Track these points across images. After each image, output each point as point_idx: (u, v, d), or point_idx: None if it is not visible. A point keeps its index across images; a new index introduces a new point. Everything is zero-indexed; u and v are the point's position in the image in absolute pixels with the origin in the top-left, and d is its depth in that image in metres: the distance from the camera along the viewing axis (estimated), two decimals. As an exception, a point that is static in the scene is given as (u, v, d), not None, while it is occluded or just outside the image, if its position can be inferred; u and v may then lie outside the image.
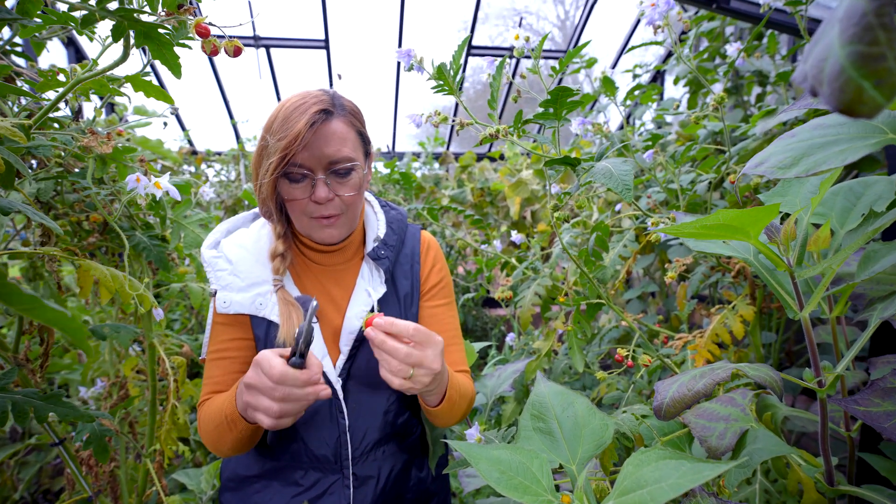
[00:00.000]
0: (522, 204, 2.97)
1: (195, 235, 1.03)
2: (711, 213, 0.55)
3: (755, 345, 1.31)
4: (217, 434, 0.77)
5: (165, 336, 1.34)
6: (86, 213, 1.05)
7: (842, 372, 0.63)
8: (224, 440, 0.76)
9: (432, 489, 0.94)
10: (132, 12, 0.47)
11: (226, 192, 3.13)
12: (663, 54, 3.26)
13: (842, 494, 0.71)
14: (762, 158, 0.52)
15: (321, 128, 0.76)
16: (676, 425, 0.83)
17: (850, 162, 0.45)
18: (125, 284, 0.76)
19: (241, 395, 0.69)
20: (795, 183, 0.75)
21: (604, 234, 1.15)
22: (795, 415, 0.84)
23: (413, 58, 0.94)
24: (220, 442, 0.77)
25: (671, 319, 2.07)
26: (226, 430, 0.75)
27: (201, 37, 0.61)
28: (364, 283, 0.88)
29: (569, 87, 0.77)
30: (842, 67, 0.24)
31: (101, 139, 0.75)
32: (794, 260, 0.63)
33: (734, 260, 1.23)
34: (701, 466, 0.40)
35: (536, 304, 1.55)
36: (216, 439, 0.77)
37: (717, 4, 1.48)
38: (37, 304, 0.33)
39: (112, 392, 1.35)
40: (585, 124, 1.57)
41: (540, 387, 0.63)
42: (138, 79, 0.68)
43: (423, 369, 0.68)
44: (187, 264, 1.61)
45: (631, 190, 0.71)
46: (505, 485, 0.49)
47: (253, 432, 0.76)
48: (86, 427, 0.83)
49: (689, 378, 0.64)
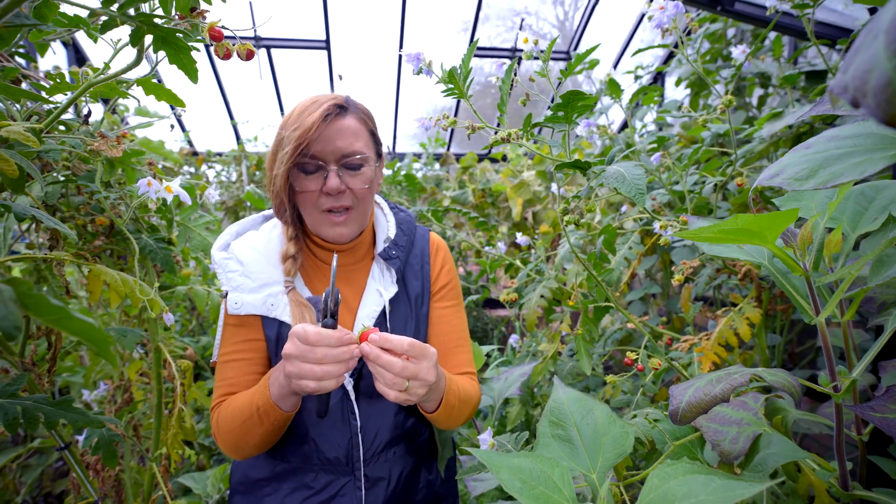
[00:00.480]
0: (524, 205, 2.97)
1: (202, 238, 1.02)
2: (730, 218, 0.55)
3: (761, 347, 1.31)
4: (244, 430, 0.76)
5: (169, 339, 1.33)
6: (91, 216, 1.04)
7: (858, 377, 0.63)
8: (252, 435, 0.76)
9: (441, 492, 0.93)
10: (151, 17, 0.46)
11: (227, 193, 3.12)
12: (663, 56, 3.26)
13: (855, 499, 0.71)
14: (778, 169, 0.52)
15: (335, 121, 0.79)
16: (688, 429, 0.82)
17: (868, 175, 0.44)
18: (136, 289, 0.75)
19: (278, 376, 0.71)
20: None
21: (611, 237, 1.15)
22: (804, 418, 0.84)
23: (422, 61, 0.94)
24: (246, 439, 0.77)
25: (673, 321, 2.07)
26: (256, 424, 0.75)
27: (214, 41, 0.60)
28: (375, 284, 0.89)
29: (581, 91, 0.77)
30: (889, 79, 0.24)
31: (111, 142, 0.75)
32: (810, 264, 0.63)
33: (740, 262, 1.23)
34: (734, 484, 0.40)
35: (541, 306, 1.55)
36: (241, 437, 0.77)
37: (721, 6, 1.48)
38: (64, 314, 0.32)
39: (116, 395, 1.34)
40: (591, 126, 1.57)
41: (558, 393, 0.62)
42: (149, 82, 0.68)
43: (417, 381, 0.69)
44: (193, 267, 1.61)
45: (644, 194, 0.71)
46: (527, 495, 0.48)
47: (281, 425, 0.77)
48: (94, 432, 0.82)
49: (704, 383, 0.63)
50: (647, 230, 1.55)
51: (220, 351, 0.85)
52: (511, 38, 4.14)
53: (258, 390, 0.76)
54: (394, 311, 0.88)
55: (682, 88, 2.29)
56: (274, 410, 0.74)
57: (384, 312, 0.87)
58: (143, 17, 0.46)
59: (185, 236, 1.02)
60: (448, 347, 0.92)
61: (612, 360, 2.39)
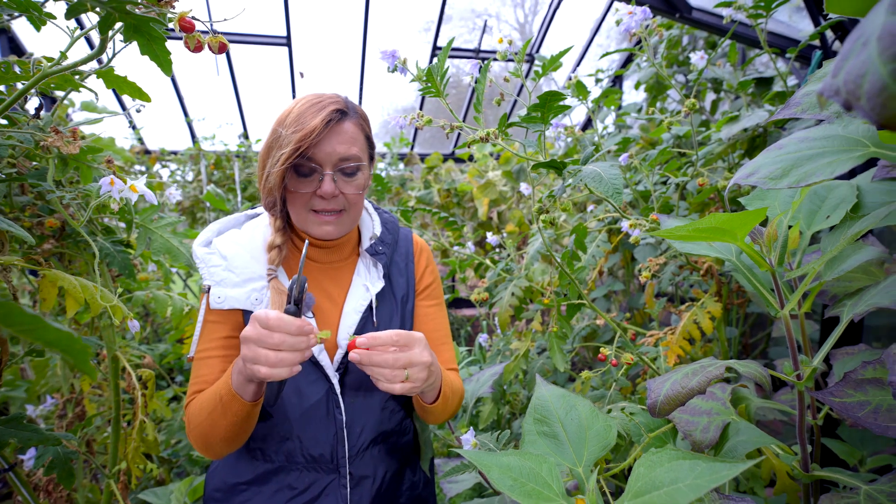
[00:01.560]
0: (490, 205, 2.99)
1: (164, 240, 0.97)
2: (705, 217, 0.57)
3: (721, 339, 1.38)
4: (210, 423, 0.74)
5: (125, 347, 1.26)
6: (39, 217, 0.97)
7: (818, 365, 0.67)
8: (217, 427, 0.74)
9: (423, 495, 0.93)
10: (124, 4, 0.43)
11: (183, 194, 2.98)
12: (621, 60, 3.37)
13: (814, 479, 0.76)
14: (753, 169, 0.54)
15: (335, 126, 0.79)
16: (662, 421, 0.85)
17: (837, 174, 0.47)
18: (96, 295, 0.70)
19: (238, 362, 0.70)
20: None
21: (581, 236, 1.17)
22: (767, 406, 0.89)
23: (397, 59, 0.93)
24: (213, 431, 0.75)
25: (635, 316, 2.14)
26: (220, 415, 0.73)
27: (185, 32, 0.57)
28: (361, 279, 0.89)
29: (558, 92, 0.78)
30: (884, 84, 0.25)
31: (67, 139, 0.69)
32: (775, 260, 0.66)
33: (702, 259, 1.29)
34: (717, 466, 0.41)
35: (512, 305, 1.56)
36: (208, 430, 0.75)
37: (680, 14, 1.54)
38: (40, 324, 0.30)
39: (67, 409, 1.25)
40: (558, 127, 1.60)
41: (541, 390, 0.63)
42: (111, 74, 0.63)
43: (415, 367, 0.70)
44: (153, 270, 1.52)
45: (621, 193, 0.72)
46: (518, 492, 0.48)
47: (245, 417, 0.74)
48: (48, 451, 0.77)
49: (681, 376, 0.66)
50: (611, 229, 1.60)
51: (196, 347, 0.83)
52: (472, 38, 4.17)
53: (223, 380, 0.75)
54: (380, 307, 0.88)
55: (639, 91, 2.38)
56: (235, 400, 0.72)
57: (371, 307, 0.87)
58: (115, 4, 0.42)
59: (145, 239, 0.97)
60: (433, 345, 0.93)
61: (576, 356, 2.44)
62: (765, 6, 1.16)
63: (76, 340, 0.30)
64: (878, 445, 1.01)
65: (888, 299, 0.61)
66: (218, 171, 3.42)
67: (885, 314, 1.47)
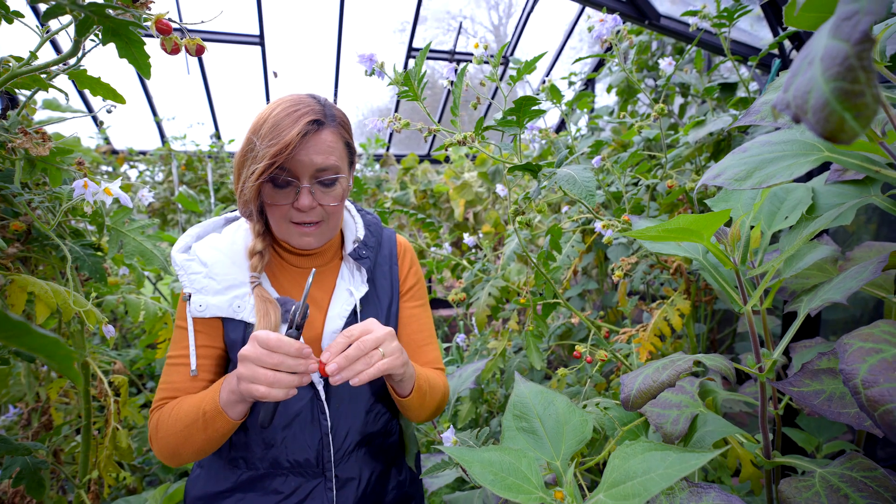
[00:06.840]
0: (466, 206, 3.02)
1: (137, 244, 0.95)
2: (673, 218, 0.60)
3: (690, 335, 1.43)
4: (185, 435, 0.73)
5: (94, 354, 1.22)
6: (2, 220, 0.94)
7: (777, 357, 0.71)
8: (192, 441, 0.73)
9: (410, 492, 0.94)
10: (103, 7, 0.42)
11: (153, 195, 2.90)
12: (593, 64, 3.45)
13: (776, 466, 0.80)
14: (720, 170, 0.57)
15: (311, 137, 0.76)
16: (635, 415, 0.89)
17: (796, 176, 0.51)
18: (69, 300, 0.69)
19: (231, 380, 0.70)
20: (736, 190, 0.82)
21: (557, 237, 1.20)
22: (733, 398, 0.93)
23: (375, 62, 0.94)
24: (187, 444, 0.74)
25: (608, 314, 2.20)
26: (199, 429, 0.72)
27: (162, 34, 0.57)
28: (345, 284, 0.89)
29: (533, 97, 0.80)
30: (826, 101, 0.28)
31: (36, 140, 0.68)
32: (739, 259, 0.70)
33: (671, 258, 1.34)
34: (687, 456, 0.44)
35: (489, 304, 1.59)
36: (181, 442, 0.74)
37: (649, 21, 1.60)
38: (25, 329, 0.30)
39: (32, 419, 1.21)
40: (532, 129, 1.63)
41: (520, 387, 0.65)
42: (84, 75, 0.62)
43: (383, 342, 0.71)
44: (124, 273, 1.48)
45: (594, 196, 0.75)
46: (499, 486, 0.50)
47: (223, 434, 0.74)
48: (16, 461, 0.74)
49: (652, 370, 0.69)
50: (585, 229, 1.64)
51: (169, 353, 0.82)
52: (447, 39, 4.20)
53: (208, 395, 0.74)
54: (364, 311, 0.88)
55: (611, 95, 2.44)
56: (220, 416, 0.72)
57: (355, 311, 0.87)
58: (93, 7, 0.42)
59: (117, 242, 0.95)
60: (419, 345, 0.94)
61: (552, 354, 2.49)
62: (727, 16, 1.22)
63: (62, 346, 0.30)
64: (833, 432, 1.07)
65: (839, 294, 0.65)
66: (190, 172, 3.34)
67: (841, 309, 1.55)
